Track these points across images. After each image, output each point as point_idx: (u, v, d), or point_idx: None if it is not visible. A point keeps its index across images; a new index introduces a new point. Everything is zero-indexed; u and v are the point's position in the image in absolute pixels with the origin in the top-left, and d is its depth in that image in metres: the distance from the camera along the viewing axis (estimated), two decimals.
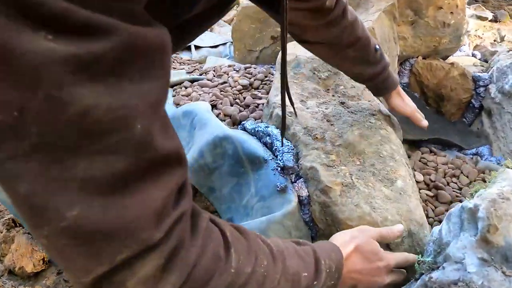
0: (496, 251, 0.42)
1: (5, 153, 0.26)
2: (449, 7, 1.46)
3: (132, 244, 0.30)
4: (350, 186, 0.69)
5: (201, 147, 0.90)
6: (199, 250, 0.37)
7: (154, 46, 0.30)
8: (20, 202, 0.28)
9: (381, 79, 0.90)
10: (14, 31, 0.23)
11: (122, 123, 0.28)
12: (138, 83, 0.28)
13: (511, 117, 1.28)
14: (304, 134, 0.83)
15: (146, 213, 0.31)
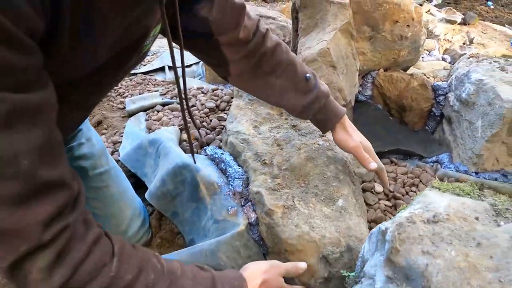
0: (398, 270, 0.47)
1: None
2: (405, 20, 1.52)
3: (27, 241, 0.43)
4: (291, 208, 0.75)
5: (163, 176, 0.96)
6: (85, 253, 0.48)
7: (33, 107, 0.41)
8: None
9: (316, 110, 0.85)
10: None
11: (13, 161, 0.40)
12: (24, 133, 0.41)
13: (469, 124, 1.34)
14: (254, 160, 0.88)
15: (35, 221, 0.43)
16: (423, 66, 2.62)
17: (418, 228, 0.49)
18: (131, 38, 0.59)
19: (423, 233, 0.48)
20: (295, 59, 0.85)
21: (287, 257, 0.71)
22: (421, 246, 0.47)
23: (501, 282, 0.46)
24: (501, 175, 1.26)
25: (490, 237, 0.51)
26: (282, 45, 0.84)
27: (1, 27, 0.35)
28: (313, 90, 0.84)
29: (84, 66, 0.53)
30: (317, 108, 0.85)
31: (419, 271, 0.45)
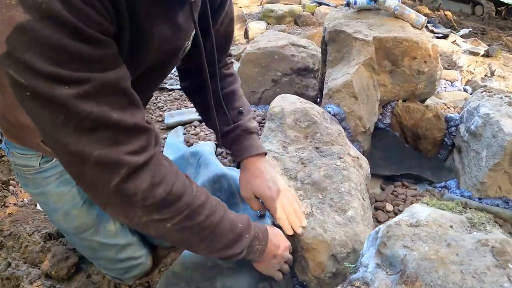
0: (385, 259, 0.64)
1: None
2: (422, 57, 1.68)
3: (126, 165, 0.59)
4: (309, 214, 0.92)
5: (203, 183, 1.15)
6: (175, 176, 0.67)
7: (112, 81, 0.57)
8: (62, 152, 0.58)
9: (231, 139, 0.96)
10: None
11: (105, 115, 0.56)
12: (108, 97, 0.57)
13: (475, 154, 1.48)
14: (281, 174, 1.07)
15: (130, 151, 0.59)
16: (445, 96, 2.74)
17: (402, 229, 0.65)
18: (176, 42, 0.75)
19: (406, 233, 0.65)
20: (237, 91, 1.01)
21: (303, 254, 0.89)
22: (403, 242, 0.63)
23: (462, 273, 0.62)
24: (503, 202, 1.38)
25: (459, 240, 0.67)
26: (235, 76, 1.04)
27: (80, 30, 0.51)
28: (238, 122, 0.96)
29: (139, 64, 0.70)
30: (233, 139, 0.97)
31: (399, 259, 0.61)
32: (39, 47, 0.50)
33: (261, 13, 6.40)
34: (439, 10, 5.59)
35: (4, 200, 1.47)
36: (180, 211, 0.67)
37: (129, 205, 0.63)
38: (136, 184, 0.61)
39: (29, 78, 0.51)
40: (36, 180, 0.93)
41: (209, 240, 0.72)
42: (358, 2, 1.90)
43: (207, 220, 0.70)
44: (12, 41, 0.50)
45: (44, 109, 0.54)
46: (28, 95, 0.53)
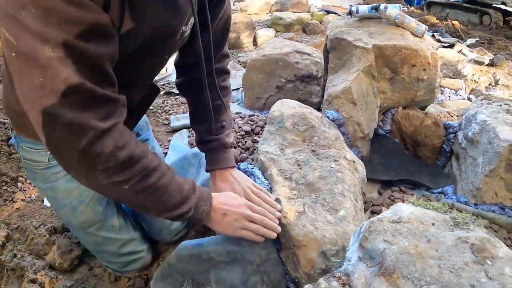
0: (366, 252, 0.67)
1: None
2: (421, 64, 1.71)
3: (93, 129, 0.64)
4: (302, 213, 0.96)
5: (203, 181, 1.19)
6: (134, 142, 0.72)
7: (94, 58, 0.62)
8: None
9: (208, 149, 1.06)
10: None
11: (80, 84, 0.61)
12: (84, 71, 0.61)
13: (472, 161, 1.50)
14: (277, 175, 1.11)
15: (97, 117, 0.64)
16: (449, 105, 2.76)
17: (384, 225, 0.69)
18: (170, 21, 0.77)
19: (387, 228, 0.68)
20: (225, 105, 1.08)
21: (295, 251, 0.92)
22: (383, 236, 0.67)
23: (440, 267, 0.65)
24: (499, 208, 1.40)
25: (439, 237, 0.70)
26: (227, 90, 1.10)
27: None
28: (218, 135, 1.06)
29: (129, 43, 0.71)
30: (211, 148, 1.07)
31: (379, 252, 0.64)
32: (33, 6, 0.54)
33: (270, 20, 6.49)
34: (447, 19, 5.61)
35: (13, 195, 1.54)
36: (137, 173, 0.72)
37: (92, 168, 0.67)
38: (102, 146, 0.65)
39: (19, 36, 0.55)
40: (45, 175, 0.98)
41: (161, 201, 0.78)
42: (360, 10, 1.95)
43: (159, 181, 0.76)
44: (9, 0, 0.55)
45: (26, 69, 0.58)
46: (13, 55, 0.57)
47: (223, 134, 1.08)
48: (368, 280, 0.62)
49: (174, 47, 0.90)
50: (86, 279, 1.12)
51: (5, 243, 1.19)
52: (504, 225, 1.37)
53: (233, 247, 0.92)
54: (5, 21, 0.56)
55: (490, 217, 1.38)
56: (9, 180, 1.62)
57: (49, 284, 1.06)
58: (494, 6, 6.08)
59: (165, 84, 2.87)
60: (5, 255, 1.14)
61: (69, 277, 1.12)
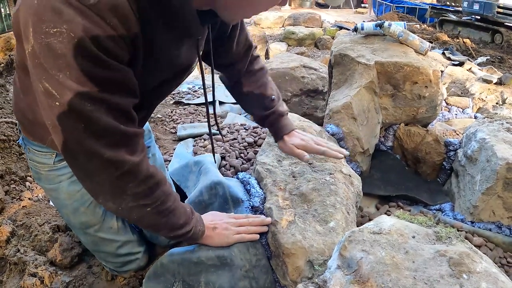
0: (344, 260, 0.70)
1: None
2: (423, 82, 1.74)
3: (128, 162, 0.76)
4: (292, 222, 0.99)
5: (201, 188, 1.23)
6: (157, 170, 0.83)
7: (122, 106, 0.74)
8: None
9: (270, 123, 1.17)
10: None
11: (115, 126, 0.73)
12: (116, 116, 0.73)
13: (470, 178, 1.51)
14: (272, 185, 1.14)
15: (131, 152, 0.77)
16: (455, 123, 2.76)
17: (364, 235, 0.72)
18: (183, 63, 0.91)
19: (366, 239, 0.71)
20: (268, 82, 1.19)
21: (284, 259, 0.95)
22: (362, 246, 0.69)
23: (415, 279, 0.67)
24: (496, 226, 1.41)
25: (418, 250, 0.72)
26: (264, 69, 1.19)
27: (102, 60, 0.66)
28: (272, 108, 1.17)
29: (150, 82, 0.86)
30: (271, 121, 1.18)
31: (356, 261, 0.67)
32: (70, 70, 0.65)
33: (283, 34, 6.58)
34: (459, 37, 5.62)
35: (20, 194, 1.60)
36: (159, 197, 0.83)
37: (122, 193, 0.78)
38: (135, 176, 0.78)
39: (61, 92, 0.66)
40: (50, 176, 1.03)
41: (172, 222, 0.88)
42: (365, 27, 1.99)
43: (173, 205, 0.87)
44: (48, 62, 0.64)
45: (69, 117, 0.69)
46: (57, 104, 0.68)
47: (276, 106, 1.18)
48: (343, 287, 0.65)
49: (182, 80, 1.03)
50: (84, 277, 1.16)
51: (10, 238, 1.25)
52: (501, 243, 1.37)
53: (223, 252, 0.95)
54: (46, 77, 0.66)
55: (486, 236, 1.38)
56: (18, 179, 1.69)
57: (49, 278, 1.11)
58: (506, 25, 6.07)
59: (175, 94, 2.94)
60: (9, 250, 1.20)
61: (68, 274, 1.17)
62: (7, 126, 2.00)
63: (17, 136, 1.94)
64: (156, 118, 2.40)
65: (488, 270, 0.71)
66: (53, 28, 0.62)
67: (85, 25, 0.62)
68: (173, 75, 0.92)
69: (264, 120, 1.20)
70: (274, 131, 1.20)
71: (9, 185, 1.68)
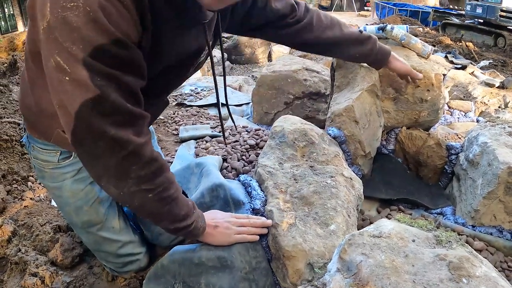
0: (344, 263, 0.70)
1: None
2: (425, 85, 1.74)
3: (133, 142, 0.76)
4: (292, 225, 0.99)
5: (202, 190, 1.24)
6: (161, 155, 0.84)
7: (131, 86, 0.76)
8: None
9: (374, 54, 1.25)
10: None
11: (123, 104, 0.75)
12: (125, 95, 0.74)
13: (472, 182, 1.51)
14: (273, 187, 1.14)
15: (136, 133, 0.77)
16: (458, 127, 2.75)
17: (364, 238, 0.72)
18: (189, 51, 0.92)
19: (366, 242, 0.71)
20: (339, 21, 1.27)
21: (284, 262, 0.95)
22: (362, 249, 0.70)
23: (414, 282, 0.67)
24: (497, 230, 1.41)
25: (418, 253, 0.72)
26: (331, 20, 1.26)
27: (115, 36, 0.68)
28: (370, 38, 1.25)
29: (157, 66, 0.86)
30: (375, 53, 1.29)
31: (355, 264, 0.67)
32: (84, 43, 0.66)
33: None
34: (461, 41, 5.61)
35: (22, 194, 1.61)
36: (162, 183, 0.83)
37: (125, 176, 0.78)
38: (140, 157, 0.78)
39: (72, 65, 0.67)
40: (53, 174, 1.04)
41: (174, 211, 0.88)
42: (368, 30, 1.99)
43: (175, 193, 0.87)
44: (63, 35, 0.66)
45: (77, 91, 0.69)
46: (66, 79, 0.68)
47: (367, 35, 1.26)
48: None
49: (194, 66, 1.02)
50: (85, 277, 1.17)
51: (11, 238, 1.26)
52: (502, 248, 1.37)
53: (223, 254, 0.95)
54: (59, 51, 0.68)
55: (487, 240, 1.38)
56: (20, 179, 1.70)
57: (49, 278, 1.12)
58: (509, 28, 6.06)
59: (177, 95, 2.95)
60: (10, 249, 1.21)
61: (69, 274, 1.18)
62: (9, 126, 2.01)
63: (19, 136, 1.96)
64: (158, 119, 2.41)
65: (487, 275, 0.71)
66: (70, 3, 0.64)
67: (101, 1, 0.65)
68: (179, 62, 0.92)
69: (367, 56, 1.29)
70: (379, 60, 1.31)
71: (11, 184, 1.69)
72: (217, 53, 6.05)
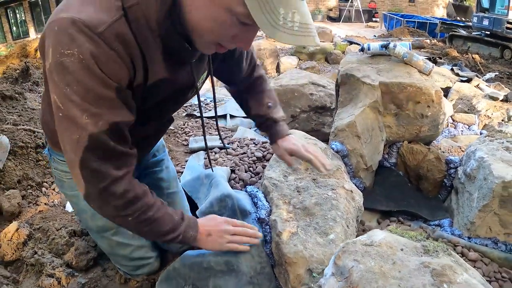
0: (338, 268, 0.78)
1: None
2: (426, 101, 1.81)
3: (110, 176, 0.84)
4: (294, 233, 1.07)
5: (211, 200, 1.33)
6: (139, 185, 0.92)
7: (116, 124, 0.83)
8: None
9: (266, 127, 1.29)
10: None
11: (106, 142, 0.83)
12: (109, 133, 0.82)
13: (469, 195, 1.58)
14: (278, 198, 1.23)
15: (113, 167, 0.85)
16: (461, 140, 2.81)
17: (356, 246, 0.80)
18: (181, 85, 0.99)
19: (358, 250, 0.79)
20: (265, 90, 1.30)
21: (286, 267, 1.03)
22: (354, 256, 0.78)
23: (399, 286, 0.75)
24: (492, 242, 1.47)
25: (404, 261, 0.80)
26: (262, 78, 1.29)
27: (104, 80, 0.76)
28: (268, 115, 1.28)
29: (149, 101, 0.94)
30: (266, 126, 1.30)
31: (347, 269, 0.76)
32: (76, 86, 0.76)
33: (294, 48, 6.71)
34: (468, 53, 5.66)
35: (37, 199, 1.71)
36: (139, 209, 0.92)
37: (106, 203, 0.88)
38: (115, 189, 0.86)
39: (65, 104, 0.77)
40: (71, 184, 1.14)
41: (156, 230, 0.97)
42: (372, 48, 2.08)
43: (155, 215, 0.95)
44: (59, 77, 0.76)
45: (68, 127, 0.80)
46: (60, 115, 0.79)
47: (271, 113, 1.29)
48: None
49: (186, 99, 1.12)
50: (99, 279, 1.26)
51: (27, 241, 1.36)
52: (496, 259, 1.43)
53: (230, 258, 1.04)
54: (56, 91, 0.78)
55: (482, 251, 1.44)
56: (35, 185, 1.80)
57: (65, 279, 1.21)
58: None
59: (187, 106, 3.05)
60: (26, 252, 1.31)
61: (84, 276, 1.27)
62: (25, 133, 2.12)
63: (34, 144, 2.07)
64: (168, 130, 2.52)
65: (468, 281, 0.79)
66: (67, 50, 0.73)
67: (92, 50, 0.74)
68: (171, 95, 1.01)
69: (261, 125, 1.32)
70: (270, 135, 1.31)
71: (26, 190, 1.80)
72: None
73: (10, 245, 1.38)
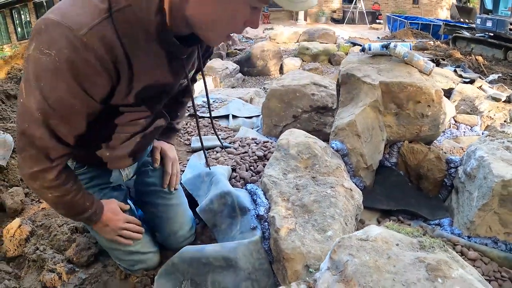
0: (333, 263, 0.79)
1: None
2: (426, 101, 1.81)
3: (46, 163, 0.92)
4: (292, 230, 1.08)
5: (211, 197, 1.34)
6: (65, 176, 0.99)
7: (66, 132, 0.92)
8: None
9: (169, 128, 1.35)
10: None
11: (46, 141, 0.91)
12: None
13: (469, 195, 1.58)
14: (277, 196, 1.24)
15: (53, 157, 0.93)
16: (463, 141, 2.81)
17: (352, 241, 0.81)
18: (169, 81, 1.02)
19: (353, 244, 0.80)
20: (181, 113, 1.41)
21: (284, 263, 1.04)
22: (349, 250, 0.79)
23: (394, 281, 0.76)
24: (492, 241, 1.47)
25: (399, 255, 0.81)
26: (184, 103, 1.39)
27: (70, 85, 0.81)
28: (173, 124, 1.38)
29: (137, 94, 0.96)
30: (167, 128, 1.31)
31: (342, 263, 0.76)
32: (44, 83, 0.80)
33: (297, 50, 6.72)
34: (471, 54, 5.65)
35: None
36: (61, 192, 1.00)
37: (34, 180, 0.96)
38: (46, 175, 0.95)
39: (27, 93, 0.83)
40: None
41: (69, 208, 1.06)
42: (372, 48, 2.09)
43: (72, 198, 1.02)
44: (31, 70, 0.81)
45: (22, 113, 0.86)
46: (21, 101, 0.85)
47: (174, 122, 1.39)
48: (330, 285, 0.74)
49: (172, 94, 1.15)
50: (100, 275, 1.28)
51: (29, 237, 1.39)
52: (496, 258, 1.43)
53: (229, 255, 1.05)
54: (26, 80, 0.83)
55: (482, 250, 1.44)
56: None
57: (66, 275, 1.23)
58: None
59: (190, 106, 3.06)
60: (28, 248, 1.33)
61: (85, 271, 1.28)
62: None
63: None
64: None
65: (463, 277, 0.79)
66: (47, 49, 0.77)
67: (69, 56, 0.77)
68: (160, 91, 1.04)
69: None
70: (162, 134, 1.35)
71: (29, 187, 1.82)
72: (229, 65, 6.22)
73: (13, 241, 1.40)
